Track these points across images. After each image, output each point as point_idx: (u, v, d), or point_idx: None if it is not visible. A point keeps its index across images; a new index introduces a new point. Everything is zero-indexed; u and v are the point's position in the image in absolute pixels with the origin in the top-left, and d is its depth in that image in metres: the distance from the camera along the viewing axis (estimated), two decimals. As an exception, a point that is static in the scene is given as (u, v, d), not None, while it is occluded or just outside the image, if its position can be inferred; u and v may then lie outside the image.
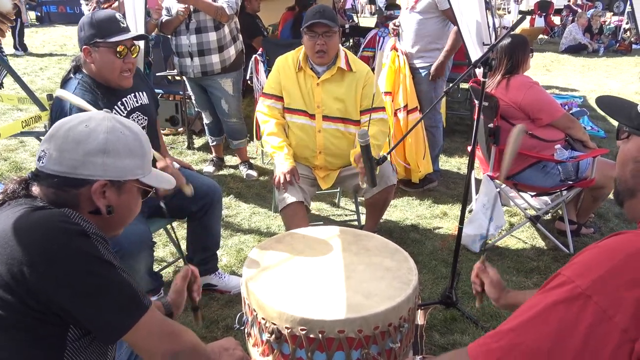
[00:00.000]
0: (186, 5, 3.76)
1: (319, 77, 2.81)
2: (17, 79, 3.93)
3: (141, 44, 2.76)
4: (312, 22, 2.67)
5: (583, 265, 0.93)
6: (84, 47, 2.18)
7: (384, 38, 5.74)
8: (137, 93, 2.41)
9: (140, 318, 1.20)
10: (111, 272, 1.18)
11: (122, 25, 2.21)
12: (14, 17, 3.79)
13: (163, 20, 3.95)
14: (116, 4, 3.91)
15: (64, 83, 2.27)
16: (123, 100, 2.33)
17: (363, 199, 3.05)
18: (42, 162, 1.24)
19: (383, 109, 2.91)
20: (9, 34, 3.58)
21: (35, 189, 1.25)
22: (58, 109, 2.17)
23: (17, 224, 1.13)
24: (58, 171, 1.22)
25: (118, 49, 2.18)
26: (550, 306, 0.90)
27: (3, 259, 1.11)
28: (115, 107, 2.28)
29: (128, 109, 2.34)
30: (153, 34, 4.46)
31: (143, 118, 2.42)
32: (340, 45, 2.84)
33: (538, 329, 0.90)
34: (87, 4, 4.17)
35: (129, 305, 1.20)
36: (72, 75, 2.26)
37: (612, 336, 0.84)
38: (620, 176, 1.10)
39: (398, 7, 6.50)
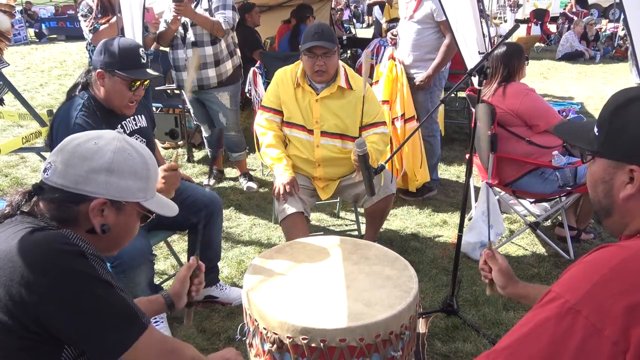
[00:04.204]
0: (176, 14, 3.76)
1: (317, 94, 2.82)
2: (18, 95, 3.96)
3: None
4: (311, 44, 2.68)
5: (571, 280, 0.94)
6: (99, 70, 2.20)
7: (384, 47, 5.80)
8: (136, 116, 2.44)
9: (139, 338, 1.20)
10: (109, 292, 1.18)
11: (142, 60, 2.24)
12: None
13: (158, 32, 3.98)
14: (114, 19, 3.93)
15: (69, 99, 2.29)
16: (123, 123, 2.36)
17: (363, 208, 3.06)
18: (47, 174, 1.24)
19: (384, 123, 2.92)
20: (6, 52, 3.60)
21: (39, 203, 1.25)
22: (62, 124, 2.19)
23: (16, 246, 1.13)
24: (60, 184, 1.22)
25: (133, 82, 2.21)
26: (541, 322, 0.92)
27: (2, 280, 1.11)
28: (116, 129, 2.30)
29: (128, 132, 2.37)
30: (152, 48, 4.49)
31: (142, 140, 2.44)
32: (339, 61, 2.85)
33: (531, 346, 0.91)
34: (84, 20, 4.19)
35: (127, 324, 1.20)
36: (77, 92, 2.28)
37: (603, 350, 0.84)
38: (594, 198, 1.12)
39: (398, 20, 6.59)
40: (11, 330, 1.11)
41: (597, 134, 1.07)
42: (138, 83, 2.23)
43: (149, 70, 2.29)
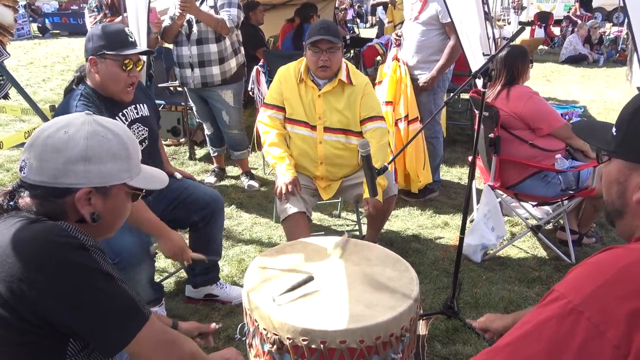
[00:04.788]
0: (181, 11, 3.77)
1: (320, 89, 2.82)
2: (20, 90, 3.96)
3: (144, 57, 2.79)
4: (316, 38, 2.68)
5: (575, 281, 0.94)
6: (91, 57, 2.19)
7: (391, 46, 5.82)
8: (137, 105, 2.42)
9: (141, 329, 1.19)
10: (111, 284, 1.17)
11: (130, 39, 2.23)
12: None
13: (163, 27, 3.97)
14: (119, 18, 3.94)
15: (67, 94, 2.29)
16: (124, 111, 2.34)
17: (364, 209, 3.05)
18: (24, 173, 1.21)
19: (382, 117, 2.91)
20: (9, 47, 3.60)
21: (22, 201, 1.22)
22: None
23: (14, 240, 1.11)
24: (40, 181, 1.19)
25: (124, 62, 2.20)
26: (544, 322, 0.91)
27: (1, 276, 1.09)
28: (116, 118, 2.29)
29: (129, 120, 2.36)
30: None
31: (144, 129, 2.44)
32: (342, 58, 2.85)
33: (532, 344, 0.91)
34: (90, 15, 4.20)
35: (130, 316, 1.19)
36: (74, 86, 2.28)
37: (604, 352, 0.84)
38: (607, 198, 1.10)
39: None
40: (10, 325, 1.10)
41: (614, 134, 1.06)
42: (131, 63, 2.22)
43: (139, 48, 2.28)
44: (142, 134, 2.43)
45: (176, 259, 2.24)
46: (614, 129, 1.06)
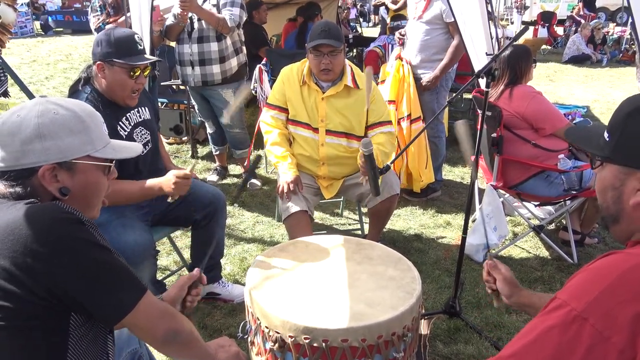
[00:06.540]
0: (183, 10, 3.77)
1: (323, 92, 2.81)
2: (24, 88, 3.97)
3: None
4: (317, 42, 2.67)
5: (577, 287, 0.94)
6: (98, 62, 2.20)
7: (392, 45, 5.79)
8: (140, 108, 2.43)
9: (141, 298, 1.24)
10: (109, 256, 1.22)
11: (139, 47, 2.24)
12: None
13: (167, 25, 3.98)
14: (122, 18, 3.94)
15: (72, 93, 2.29)
16: (127, 115, 2.36)
17: (366, 208, 3.05)
18: None
19: (390, 122, 2.91)
20: (10, 44, 3.63)
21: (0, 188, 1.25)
22: None
23: (13, 220, 1.15)
24: (6, 167, 1.23)
25: (132, 70, 2.21)
26: (547, 330, 0.91)
27: (5, 253, 1.13)
28: (120, 122, 2.30)
29: (132, 124, 2.37)
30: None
31: (146, 132, 2.44)
32: (345, 60, 2.84)
33: (536, 353, 0.91)
34: (94, 16, 4.20)
35: (129, 286, 1.24)
36: (80, 87, 2.28)
37: (609, 357, 0.84)
38: (602, 204, 1.11)
39: (403, 18, 6.59)
40: (21, 300, 1.13)
41: (607, 139, 1.06)
42: (138, 70, 2.23)
43: (147, 56, 2.28)
44: (145, 137, 2.44)
45: (184, 188, 2.21)
46: (606, 134, 1.06)
